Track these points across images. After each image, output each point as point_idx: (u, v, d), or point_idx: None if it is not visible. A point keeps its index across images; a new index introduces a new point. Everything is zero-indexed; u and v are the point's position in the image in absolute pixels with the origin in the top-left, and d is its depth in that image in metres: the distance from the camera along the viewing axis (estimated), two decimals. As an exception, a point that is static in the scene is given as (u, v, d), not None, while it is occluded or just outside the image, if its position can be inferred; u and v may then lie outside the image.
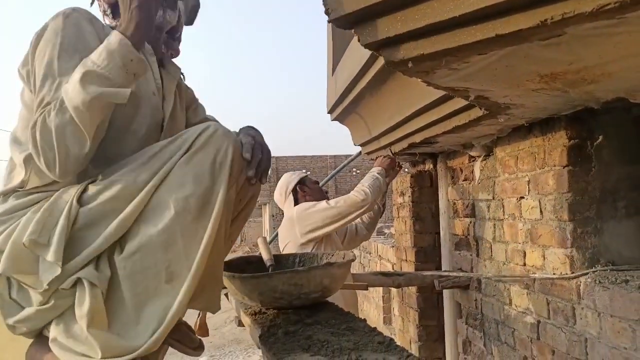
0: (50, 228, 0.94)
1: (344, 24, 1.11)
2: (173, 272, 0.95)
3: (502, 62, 1.09)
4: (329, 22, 1.12)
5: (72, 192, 0.99)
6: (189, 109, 1.39)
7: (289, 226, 2.51)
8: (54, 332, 0.94)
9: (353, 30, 1.11)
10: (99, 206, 0.96)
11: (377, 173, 2.54)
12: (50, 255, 0.91)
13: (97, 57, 0.96)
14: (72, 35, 1.05)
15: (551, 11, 0.87)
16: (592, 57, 1.05)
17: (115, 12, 1.23)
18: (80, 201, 0.98)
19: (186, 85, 1.38)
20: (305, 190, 2.63)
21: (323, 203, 2.46)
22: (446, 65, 1.11)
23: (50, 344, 0.94)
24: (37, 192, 1.04)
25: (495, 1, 0.88)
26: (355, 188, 2.48)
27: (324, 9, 1.09)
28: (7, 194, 1.06)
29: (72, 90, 0.94)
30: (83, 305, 0.91)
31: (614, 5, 0.80)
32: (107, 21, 1.25)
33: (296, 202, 2.59)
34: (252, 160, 1.08)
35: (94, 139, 0.98)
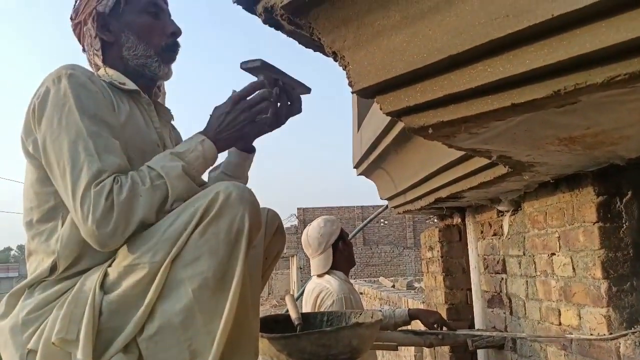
0: (77, 321, 0.92)
1: (366, 95, 1.17)
2: (195, 349, 0.93)
3: (521, 127, 1.13)
4: (352, 93, 1.19)
5: (94, 278, 0.97)
6: None
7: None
8: None
9: (375, 100, 1.18)
10: (124, 292, 0.94)
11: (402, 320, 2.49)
12: (79, 353, 0.89)
13: (194, 160, 1.05)
14: (84, 97, 1.02)
15: (564, 82, 0.91)
16: (608, 122, 1.08)
17: (106, 53, 1.18)
18: (104, 287, 0.96)
19: (172, 126, 1.36)
20: (344, 247, 2.49)
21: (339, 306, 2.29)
22: (466, 130, 1.15)
23: None
24: (64, 281, 1.01)
25: (508, 74, 0.93)
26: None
27: (347, 82, 1.16)
28: (32, 285, 1.03)
29: (175, 179, 1.01)
30: None
31: (624, 76, 0.84)
32: (96, 61, 1.19)
33: (334, 258, 2.45)
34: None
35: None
